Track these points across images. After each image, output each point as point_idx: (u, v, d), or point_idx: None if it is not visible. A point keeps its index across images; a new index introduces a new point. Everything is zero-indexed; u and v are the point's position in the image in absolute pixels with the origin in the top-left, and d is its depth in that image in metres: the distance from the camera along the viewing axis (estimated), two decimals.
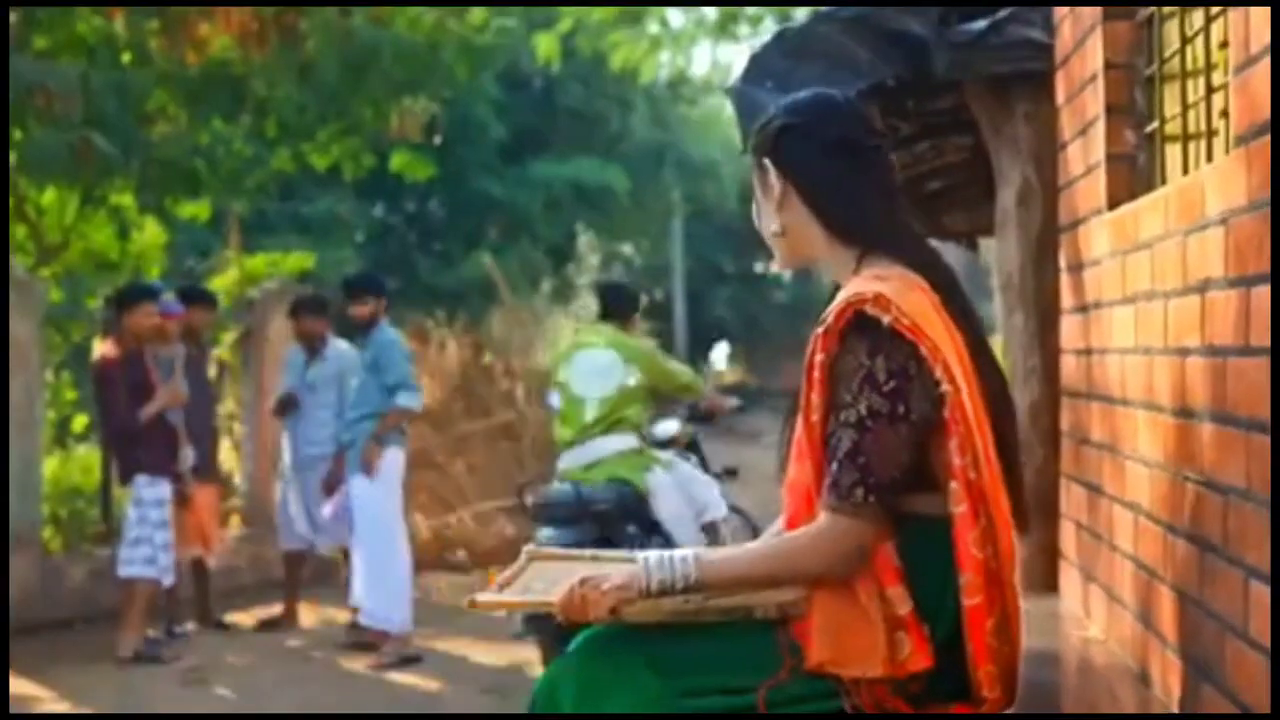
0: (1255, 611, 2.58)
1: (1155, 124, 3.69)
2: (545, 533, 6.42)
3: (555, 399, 6.77)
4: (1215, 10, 3.17)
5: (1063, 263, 4.44)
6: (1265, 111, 2.51)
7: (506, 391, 13.39)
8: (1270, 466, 2.45)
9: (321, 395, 9.06)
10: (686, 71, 12.97)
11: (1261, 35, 2.51)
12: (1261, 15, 2.52)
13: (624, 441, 6.56)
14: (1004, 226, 4.98)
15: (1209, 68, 3.23)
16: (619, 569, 2.47)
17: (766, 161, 2.51)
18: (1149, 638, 3.39)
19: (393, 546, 8.45)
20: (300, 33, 10.20)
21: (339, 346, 9.29)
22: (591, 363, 6.59)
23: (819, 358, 2.31)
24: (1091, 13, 3.97)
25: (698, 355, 25.48)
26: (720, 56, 15.31)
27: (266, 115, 10.41)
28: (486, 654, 8.93)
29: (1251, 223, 2.61)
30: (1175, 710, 3.09)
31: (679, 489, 6.48)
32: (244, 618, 9.94)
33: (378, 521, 8.35)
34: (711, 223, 24.41)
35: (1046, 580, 4.83)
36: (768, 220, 2.54)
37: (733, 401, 7.94)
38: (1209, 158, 3.20)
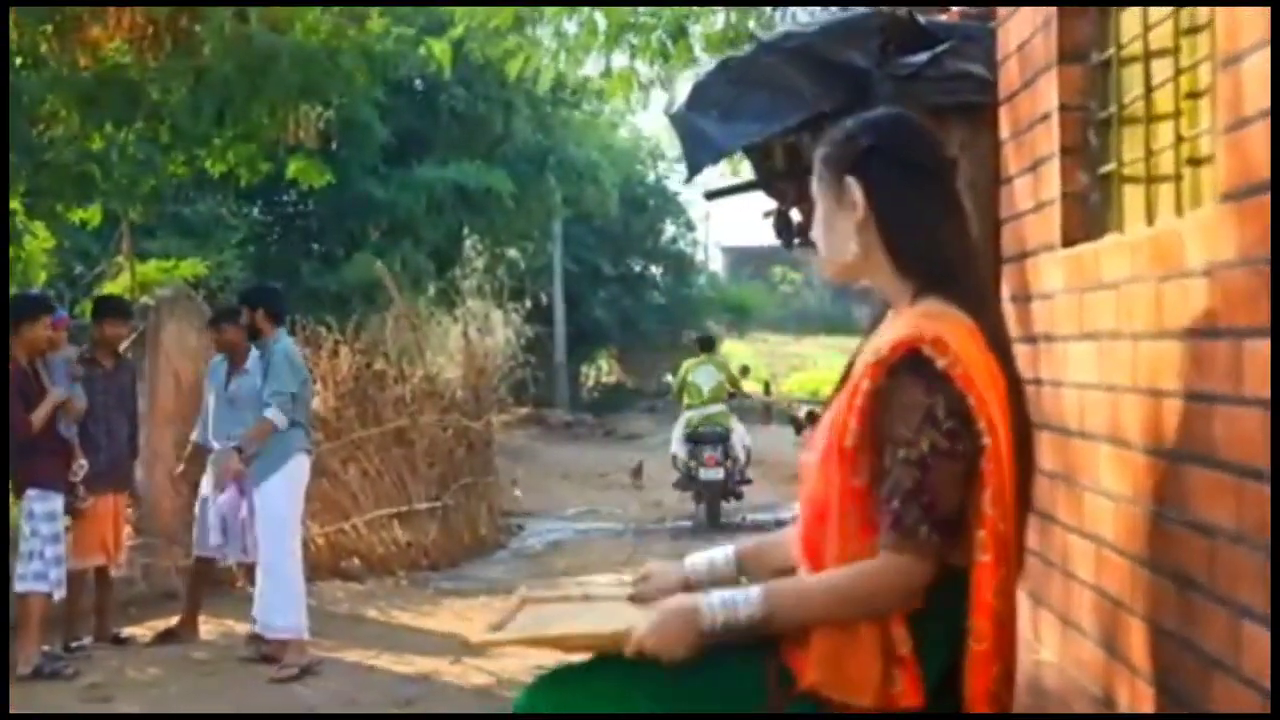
0: (1249, 650, 2.69)
1: (1112, 165, 3.81)
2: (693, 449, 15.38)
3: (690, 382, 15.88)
4: (1185, 62, 3.29)
5: (1006, 293, 4.56)
6: (1260, 172, 2.63)
7: (399, 397, 13.30)
8: (1271, 512, 2.56)
9: (242, 408, 8.91)
10: (575, 77, 12.94)
11: (1259, 99, 2.63)
12: (1257, 78, 2.64)
13: (719, 407, 15.80)
14: None
15: (1178, 114, 3.35)
16: (665, 611, 2.43)
17: (850, 180, 2.45)
18: (1114, 665, 3.51)
19: (288, 551, 8.41)
20: (196, 37, 10.03)
21: (282, 341, 9.08)
22: (705, 371, 15.93)
23: (865, 384, 2.30)
24: (1044, 54, 4.09)
25: (578, 357, 25.63)
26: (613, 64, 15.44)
27: (161, 120, 10.22)
28: (394, 663, 8.89)
29: (1243, 276, 2.72)
30: None
31: (739, 429, 15.73)
32: (141, 630, 9.76)
33: (279, 527, 8.31)
34: (591, 225, 24.50)
35: None
36: (843, 238, 2.47)
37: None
38: (1178, 206, 3.32)
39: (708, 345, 16.68)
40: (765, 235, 7.16)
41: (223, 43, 9.95)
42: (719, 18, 12.79)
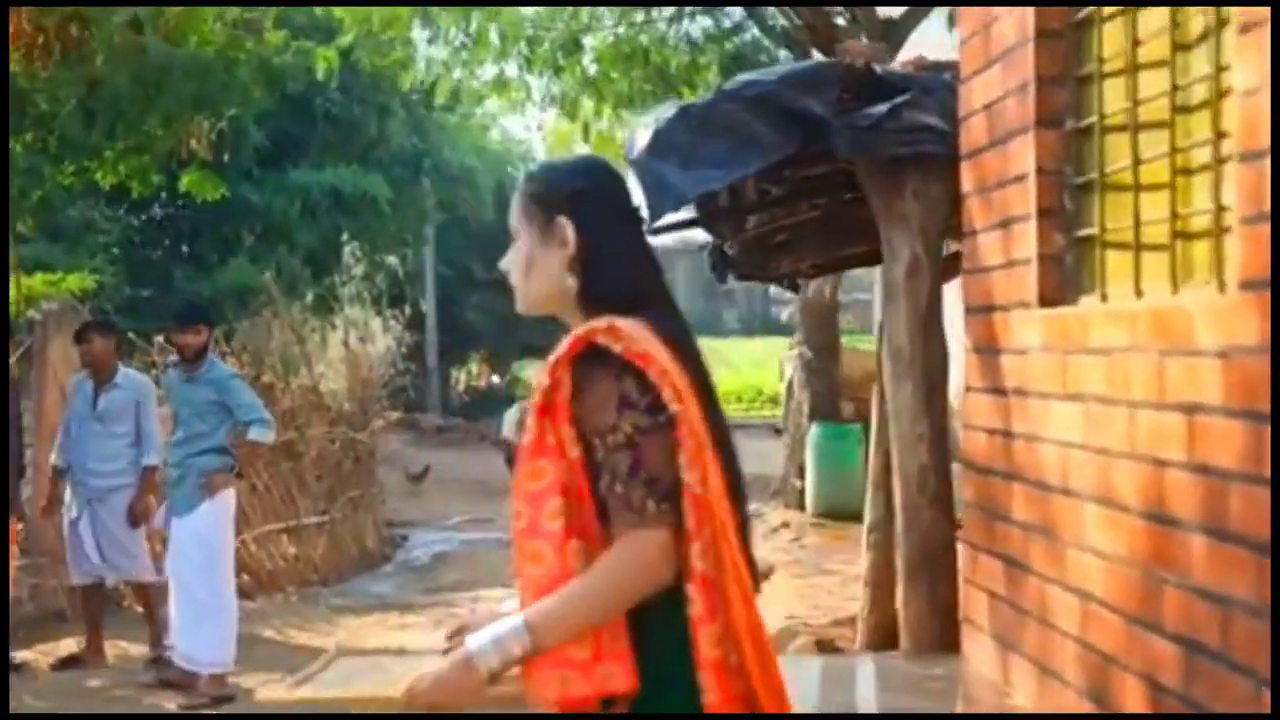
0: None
1: (1091, 230, 3.95)
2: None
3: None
4: (1184, 143, 3.43)
5: (969, 343, 4.69)
6: None
7: (286, 410, 13.11)
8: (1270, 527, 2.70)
9: (113, 425, 8.65)
10: (470, 88, 12.88)
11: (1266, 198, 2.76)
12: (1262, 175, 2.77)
13: None
14: (893, 298, 5.21)
15: (1173, 187, 3.49)
16: (443, 661, 2.38)
17: (562, 219, 2.47)
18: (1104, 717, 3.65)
19: (224, 582, 8.21)
20: (88, 46, 9.78)
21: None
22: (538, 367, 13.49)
23: (544, 381, 2.34)
24: (1019, 118, 4.22)
25: (450, 361, 25.48)
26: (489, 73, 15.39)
27: (50, 130, 9.95)
28: (294, 687, 8.77)
29: (1265, 365, 2.85)
30: None
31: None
32: (33, 655, 9.48)
33: (213, 557, 8.10)
34: (464, 229, 24.34)
35: (942, 640, 5.09)
36: (549, 273, 2.47)
37: None
38: (1173, 279, 3.46)
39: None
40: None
41: (114, 53, 9.72)
42: (614, 29, 12.83)
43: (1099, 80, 3.91)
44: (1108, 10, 3.86)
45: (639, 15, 13.56)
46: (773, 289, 29.89)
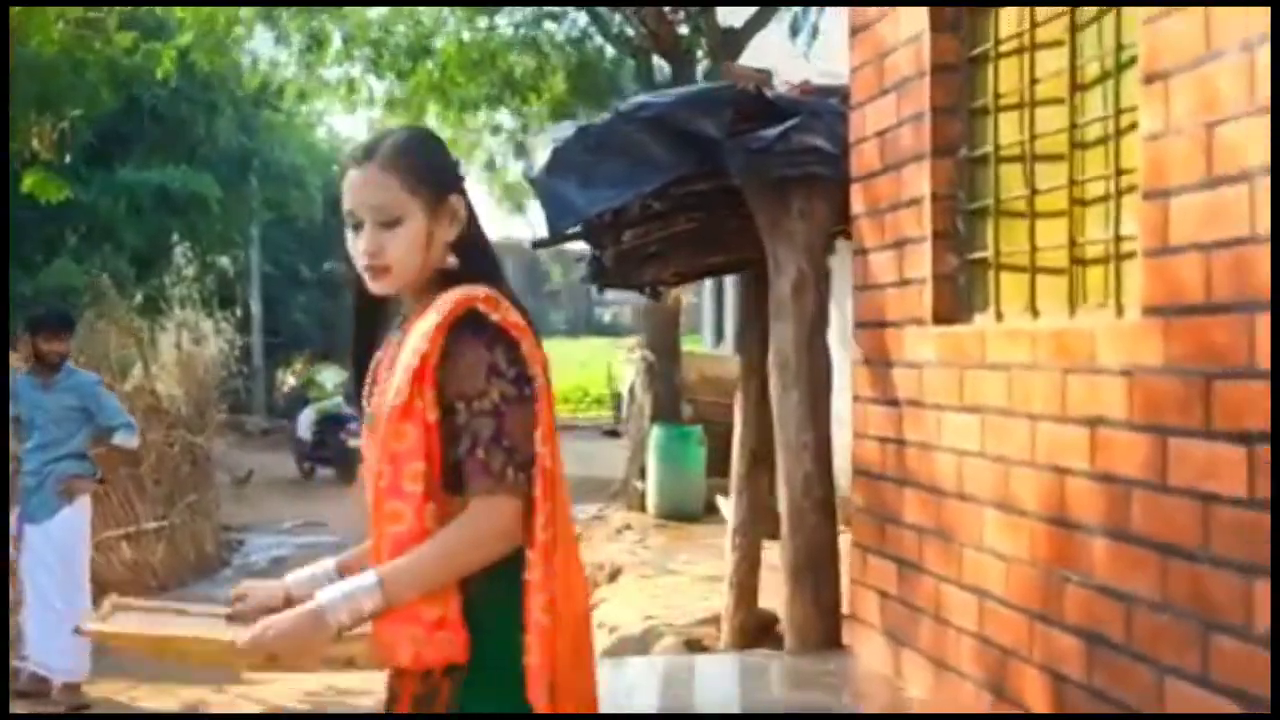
0: (1173, 703, 3.14)
1: (984, 253, 4.24)
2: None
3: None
4: (1082, 176, 3.73)
5: (858, 356, 4.95)
6: (1192, 297, 3.07)
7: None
8: (1192, 587, 3.00)
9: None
10: (314, 89, 12.84)
11: (1191, 234, 3.06)
12: (1189, 216, 3.07)
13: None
14: (780, 312, 5.45)
15: (1071, 215, 3.79)
16: (288, 615, 2.35)
17: (456, 197, 2.47)
18: (1004, 706, 3.93)
19: (80, 588, 8.12)
20: None
21: (77, 373, 8.54)
22: (330, 370, 16.94)
23: (424, 346, 2.33)
24: (913, 145, 4.50)
25: (276, 362, 25.12)
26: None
27: None
28: (155, 695, 8.70)
29: (1168, 384, 3.16)
30: None
31: None
32: None
33: (70, 564, 8.02)
34: (291, 228, 24.07)
35: (826, 639, 5.35)
36: (442, 253, 2.44)
37: None
38: (1071, 302, 3.76)
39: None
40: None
41: None
42: (459, 33, 12.90)
43: (995, 113, 4.19)
44: (1004, 48, 4.15)
45: (483, 20, 13.68)
46: (594, 291, 30.18)
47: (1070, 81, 3.77)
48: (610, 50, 13.85)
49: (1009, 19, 4.14)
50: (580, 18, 13.60)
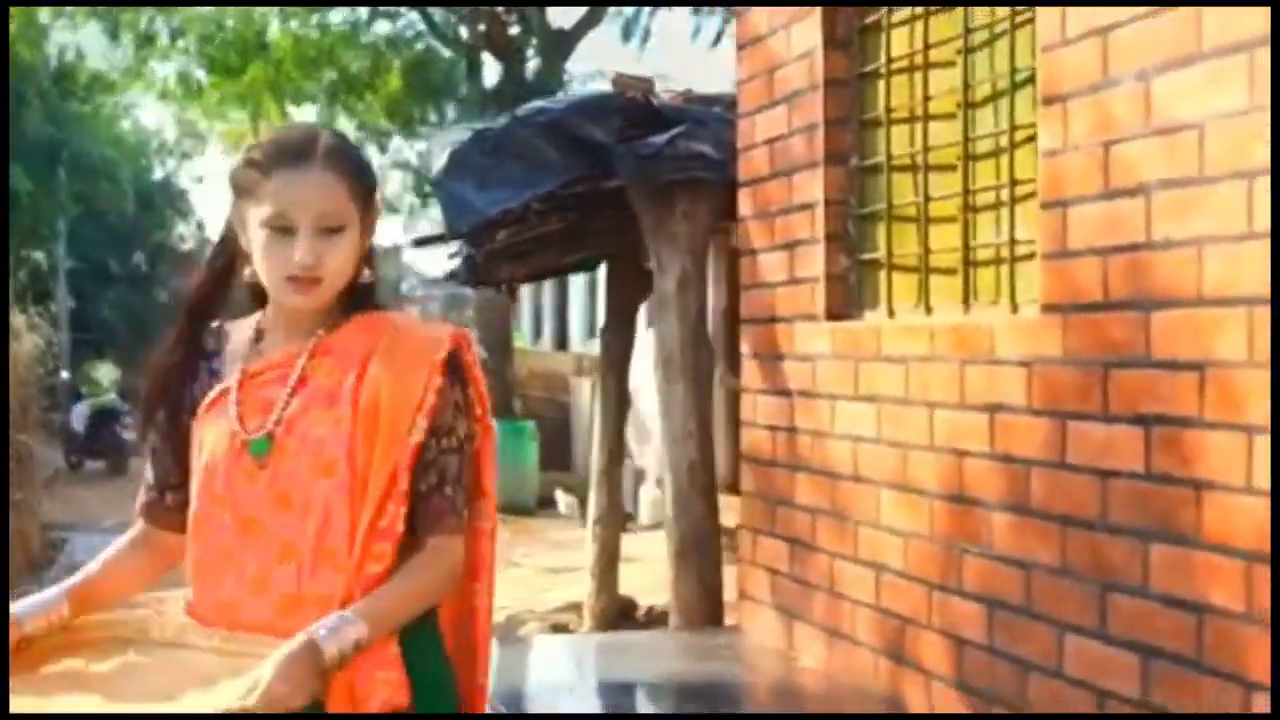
0: (1074, 658, 3.53)
1: (876, 255, 4.61)
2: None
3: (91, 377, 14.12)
4: (975, 185, 4.12)
5: (749, 350, 5.29)
6: (1089, 296, 3.46)
7: None
8: (1091, 552, 3.40)
9: None
10: (151, 83, 12.68)
11: (1088, 240, 3.46)
12: (1087, 223, 3.47)
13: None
14: (665, 309, 5.76)
15: (966, 221, 4.17)
16: (284, 657, 2.04)
17: (379, 199, 2.35)
18: (903, 670, 4.30)
19: None
20: None
21: None
22: (105, 367, 17.31)
23: (439, 382, 2.23)
24: (805, 154, 4.85)
25: (82, 358, 24.50)
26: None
27: None
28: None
29: (1067, 373, 3.55)
30: None
31: None
32: None
33: None
34: (100, 223, 23.54)
35: (709, 617, 5.69)
36: (358, 259, 2.26)
37: None
38: (965, 300, 4.14)
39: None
40: None
41: None
42: (291, 28, 12.90)
43: (887, 126, 4.56)
44: (895, 66, 4.52)
45: (314, 17, 13.69)
46: (404, 288, 30.18)
47: (964, 99, 4.15)
48: (442, 49, 14.01)
49: (900, 39, 4.51)
50: (416, 17, 13.73)
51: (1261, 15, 2.93)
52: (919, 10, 4.39)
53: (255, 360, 2.28)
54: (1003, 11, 3.98)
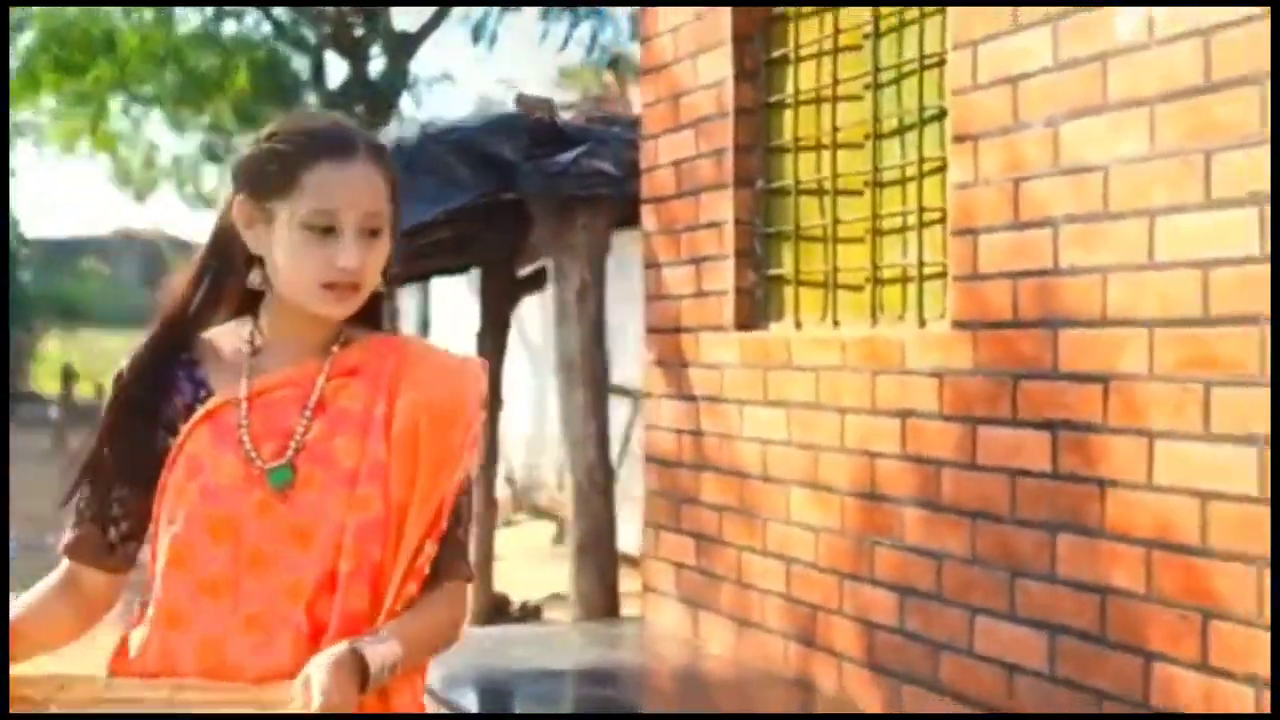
0: (985, 638, 3.96)
1: (781, 271, 5.00)
2: None
3: None
4: (883, 210, 4.53)
5: (651, 357, 5.63)
6: (999, 315, 3.89)
7: None
8: (1001, 543, 3.84)
9: None
10: None
11: (997, 265, 3.89)
12: (996, 251, 3.90)
13: None
14: (565, 317, 6.08)
15: (874, 242, 4.58)
16: (329, 663, 1.83)
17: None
18: (814, 654, 4.70)
19: None
20: None
21: None
22: None
23: (483, 415, 2.10)
24: (713, 176, 5.21)
25: None
26: None
27: None
28: None
29: (977, 383, 3.97)
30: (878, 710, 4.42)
31: None
32: None
33: None
34: None
35: (609, 609, 6.04)
36: (384, 262, 2.01)
37: None
38: (873, 314, 4.55)
39: None
40: (72, 226, 7.57)
41: None
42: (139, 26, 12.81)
43: (795, 153, 4.95)
44: (802, 97, 4.91)
45: (150, 14, 13.61)
46: None
47: (872, 130, 4.55)
48: (288, 50, 14.07)
49: (808, 73, 4.90)
50: (259, 16, 13.76)
51: (1161, 73, 3.38)
52: (826, 47, 4.79)
53: (255, 376, 2.01)
54: (910, 53, 4.39)
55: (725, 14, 5.11)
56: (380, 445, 1.99)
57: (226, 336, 2.07)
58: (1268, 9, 3.14)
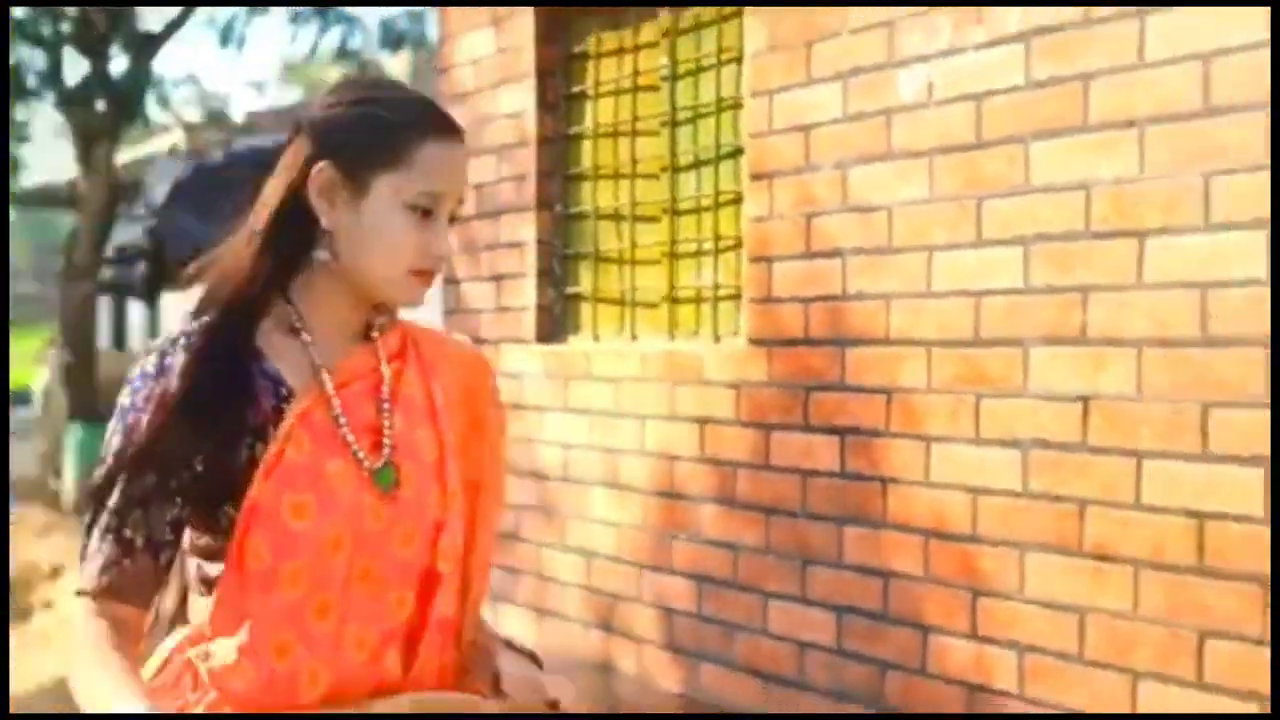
0: (776, 620, 4.48)
1: (579, 289, 5.44)
2: None
3: None
4: (680, 236, 5.02)
5: None
6: (790, 333, 4.42)
7: None
8: (793, 535, 4.37)
9: None
10: None
11: (791, 290, 4.42)
12: (788, 278, 4.43)
13: None
14: None
15: (671, 266, 5.06)
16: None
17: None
18: (613, 639, 5.15)
19: None
20: None
21: None
22: None
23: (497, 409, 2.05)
24: (514, 199, 5.61)
25: None
26: None
27: None
28: None
29: (772, 394, 4.49)
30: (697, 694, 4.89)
31: None
32: None
33: None
34: None
35: None
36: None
37: None
38: (670, 330, 5.03)
39: None
40: None
41: None
42: None
43: (595, 180, 5.39)
44: (602, 130, 5.36)
45: None
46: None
47: (670, 163, 5.03)
48: (26, 46, 13.76)
49: (607, 109, 5.35)
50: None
51: (939, 129, 3.95)
52: (625, 86, 5.25)
53: (319, 367, 1.82)
54: (707, 96, 4.89)
55: (529, 50, 5.52)
56: (450, 433, 1.90)
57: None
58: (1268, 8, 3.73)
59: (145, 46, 14.27)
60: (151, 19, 14.39)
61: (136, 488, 1.71)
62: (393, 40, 15.25)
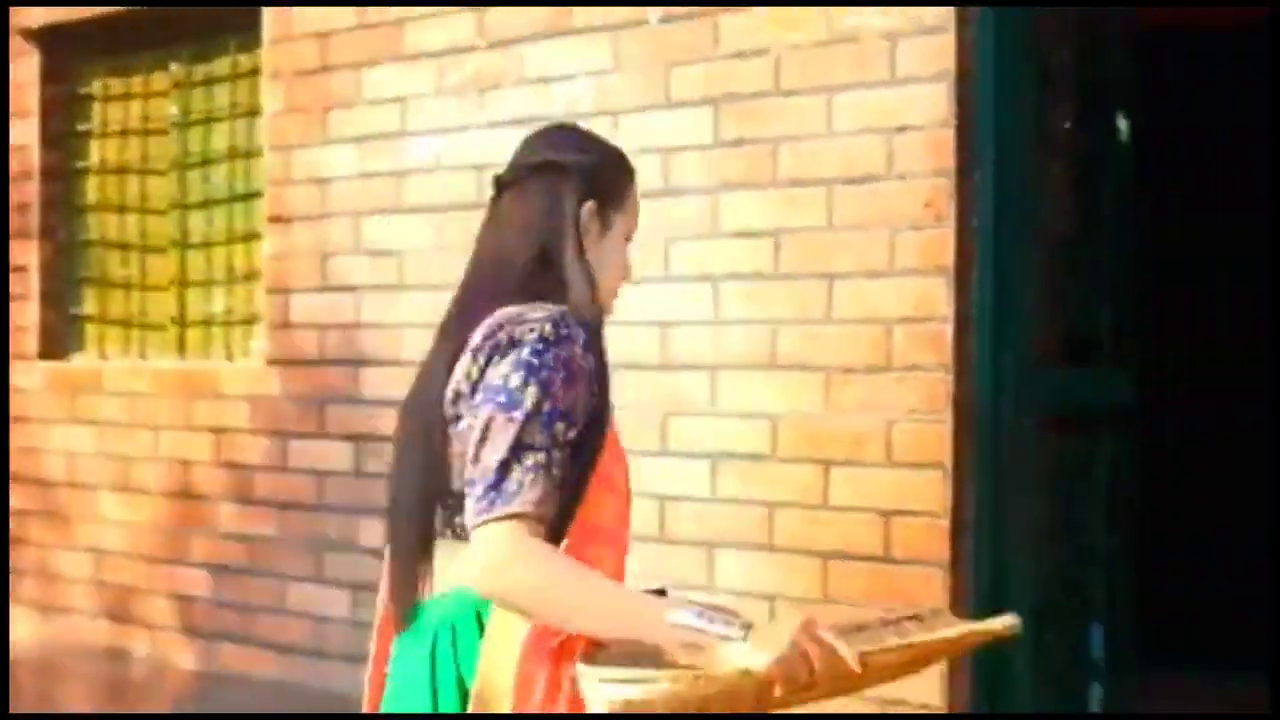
0: (292, 599, 5.25)
1: (83, 310, 5.94)
2: None
3: None
4: (190, 269, 5.67)
5: None
6: (308, 354, 5.22)
7: None
8: (308, 526, 5.18)
9: None
10: None
11: (301, 315, 5.21)
12: (302, 303, 5.23)
13: None
14: None
15: (181, 291, 5.70)
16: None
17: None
18: (127, 628, 5.68)
19: None
20: None
21: None
22: None
23: None
24: (20, 228, 6.02)
25: None
26: None
27: None
28: None
29: (288, 407, 5.26)
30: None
31: None
32: None
33: None
34: None
35: None
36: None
37: None
38: (180, 349, 5.66)
39: None
40: None
41: None
42: None
43: (101, 212, 5.90)
44: (108, 167, 5.88)
45: None
46: None
47: (180, 201, 5.66)
48: None
49: (112, 147, 5.89)
50: None
51: (460, 183, 4.88)
52: (132, 127, 5.81)
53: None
54: (220, 145, 5.57)
55: (34, 87, 5.95)
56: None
57: None
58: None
59: None
60: None
61: (561, 434, 1.94)
62: None
